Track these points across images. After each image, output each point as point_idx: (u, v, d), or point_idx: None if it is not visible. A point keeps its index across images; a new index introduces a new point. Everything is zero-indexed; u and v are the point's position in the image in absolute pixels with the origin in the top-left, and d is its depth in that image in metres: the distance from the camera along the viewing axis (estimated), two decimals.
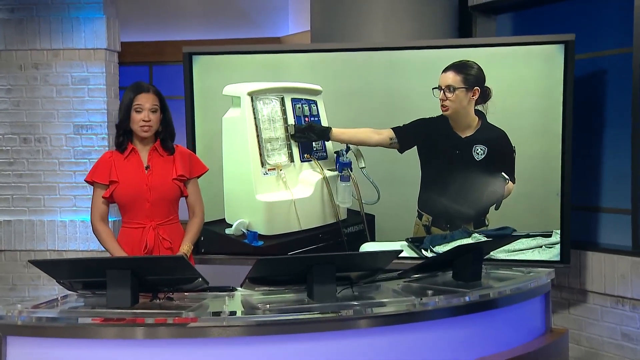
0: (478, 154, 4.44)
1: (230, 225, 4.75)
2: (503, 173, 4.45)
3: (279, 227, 4.69)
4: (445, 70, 4.43)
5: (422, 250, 4.56)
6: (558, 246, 4.39)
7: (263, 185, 4.62)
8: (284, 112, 4.62)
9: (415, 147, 4.55)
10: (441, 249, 4.50)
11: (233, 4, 6.58)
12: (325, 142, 4.65)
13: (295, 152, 4.65)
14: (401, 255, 3.20)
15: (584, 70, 4.64)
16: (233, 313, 2.77)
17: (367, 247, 4.67)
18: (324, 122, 4.64)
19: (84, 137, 5.95)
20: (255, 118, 4.57)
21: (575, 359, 4.63)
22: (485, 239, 4.45)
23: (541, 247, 4.45)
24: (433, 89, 4.44)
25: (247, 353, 2.74)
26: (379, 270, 3.16)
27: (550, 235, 4.42)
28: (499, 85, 4.40)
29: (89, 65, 5.93)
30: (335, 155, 4.64)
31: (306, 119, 4.62)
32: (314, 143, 4.65)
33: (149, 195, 3.55)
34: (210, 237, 4.73)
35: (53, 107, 5.95)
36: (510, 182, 4.45)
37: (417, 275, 3.44)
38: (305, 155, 4.65)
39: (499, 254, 4.35)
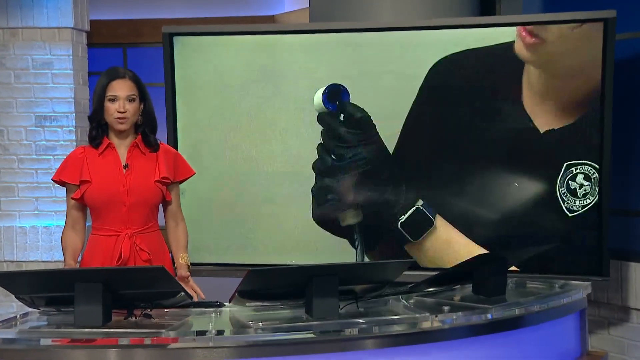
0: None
1: None
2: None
3: None
4: None
5: None
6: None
7: None
8: None
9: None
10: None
11: None
12: None
13: None
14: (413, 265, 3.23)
15: (626, 52, 4.66)
16: (220, 332, 2.80)
17: None
18: None
19: (48, 130, 5.96)
20: None
21: None
22: None
23: None
24: None
25: None
26: (387, 282, 3.19)
27: None
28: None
29: (53, 46, 5.93)
30: None
31: None
32: None
33: (126, 199, 3.54)
34: None
35: (10, 95, 5.96)
36: None
37: (431, 289, 3.47)
38: None
39: None
